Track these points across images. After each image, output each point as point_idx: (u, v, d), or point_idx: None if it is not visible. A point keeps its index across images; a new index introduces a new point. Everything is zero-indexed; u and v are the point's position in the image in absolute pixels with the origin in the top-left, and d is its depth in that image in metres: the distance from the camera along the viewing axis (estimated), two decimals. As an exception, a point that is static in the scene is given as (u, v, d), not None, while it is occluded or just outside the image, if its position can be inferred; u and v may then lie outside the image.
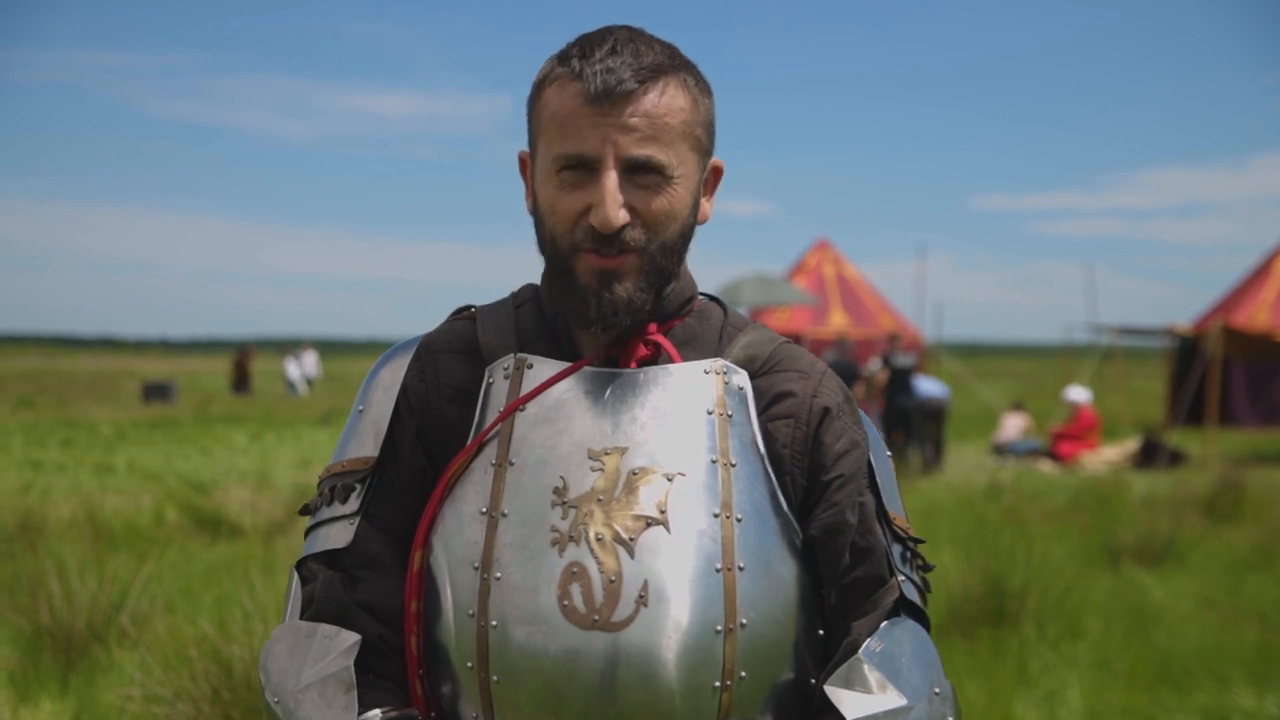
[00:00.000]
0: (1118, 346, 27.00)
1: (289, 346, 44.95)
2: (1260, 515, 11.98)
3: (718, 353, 1.77)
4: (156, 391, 35.76)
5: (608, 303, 1.66)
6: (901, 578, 1.75)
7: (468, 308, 1.87)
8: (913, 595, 1.76)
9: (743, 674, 1.63)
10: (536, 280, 1.84)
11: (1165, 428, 22.50)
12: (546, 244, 1.71)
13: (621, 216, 1.63)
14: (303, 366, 41.46)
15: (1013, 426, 21.09)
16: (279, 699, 1.66)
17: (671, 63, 1.68)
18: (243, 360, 41.15)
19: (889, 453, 1.85)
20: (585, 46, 1.67)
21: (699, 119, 1.70)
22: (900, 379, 17.97)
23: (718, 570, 1.63)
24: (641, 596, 1.61)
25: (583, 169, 1.65)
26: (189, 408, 31.96)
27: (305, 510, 1.81)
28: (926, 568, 1.82)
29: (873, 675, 1.66)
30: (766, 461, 1.70)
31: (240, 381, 40.42)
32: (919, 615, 1.77)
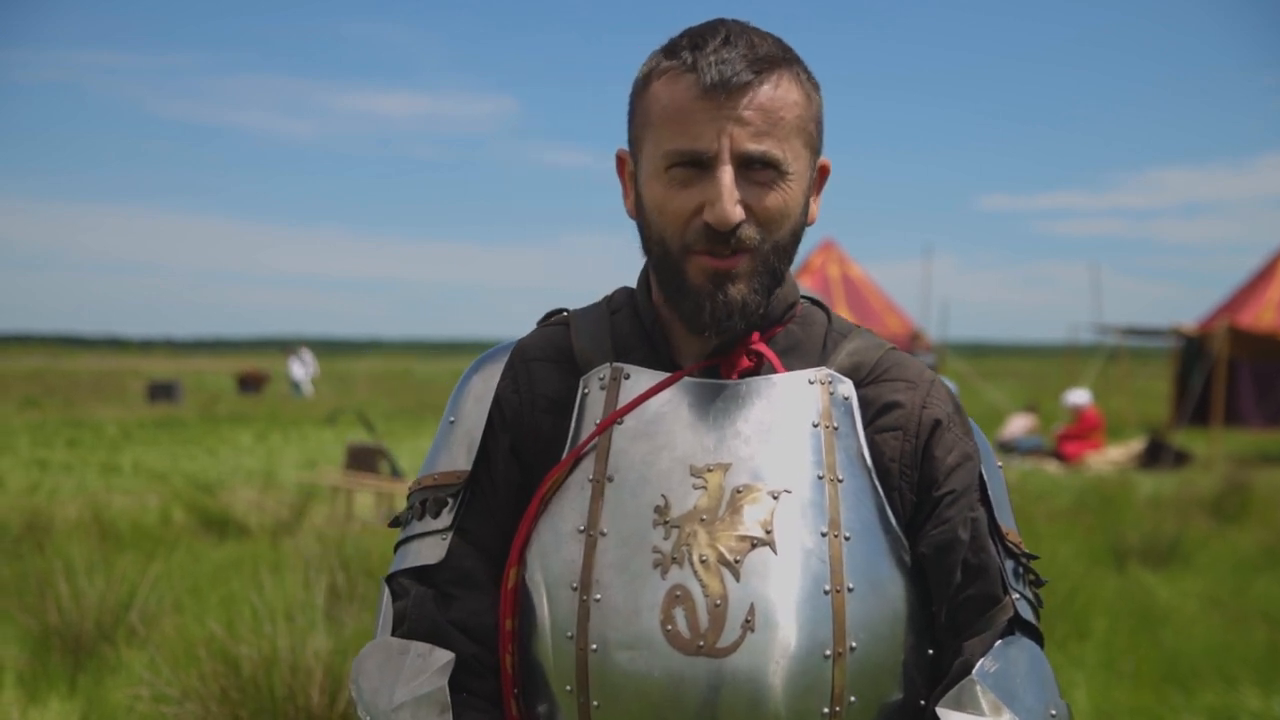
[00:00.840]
0: (1123, 347, 26.96)
1: (291, 346, 44.90)
2: (1266, 515, 11.97)
3: (822, 361, 1.70)
4: (162, 391, 35.80)
5: (722, 305, 1.60)
6: (1015, 595, 1.68)
7: (559, 311, 1.81)
8: (1026, 613, 1.69)
9: (852, 699, 1.57)
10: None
11: (1170, 428, 22.48)
12: (655, 245, 1.64)
13: (738, 213, 1.57)
14: (306, 365, 41.43)
15: (1018, 425, 21.11)
16: (372, 717, 1.62)
17: (784, 55, 1.61)
18: (255, 374, 41.24)
19: (1000, 464, 1.78)
20: (696, 38, 1.60)
21: (812, 114, 1.64)
22: None
23: (826, 592, 1.57)
24: (748, 621, 1.55)
25: (695, 165, 1.58)
26: (194, 408, 32.00)
27: (395, 523, 1.77)
28: (1039, 583, 1.75)
29: (986, 697, 1.59)
30: (874, 476, 1.64)
31: (248, 382, 40.45)
32: (1033, 633, 1.70)
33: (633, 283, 1.79)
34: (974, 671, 1.61)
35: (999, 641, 1.65)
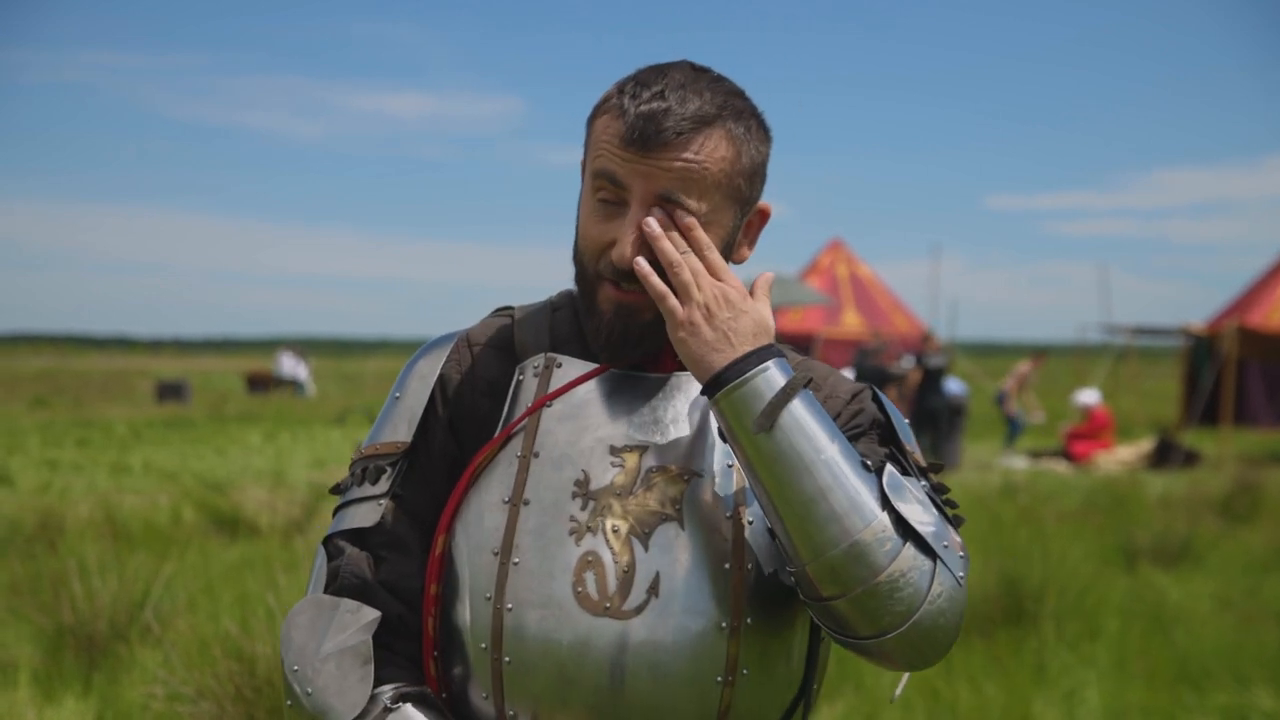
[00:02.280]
0: (1132, 346, 26.96)
1: (295, 347, 44.96)
2: (1277, 515, 11.95)
3: None
4: (171, 391, 35.86)
5: (619, 335, 1.74)
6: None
7: (508, 308, 1.93)
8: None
9: (744, 670, 1.69)
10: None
11: (1180, 428, 22.46)
12: (575, 261, 1.79)
13: (639, 259, 1.68)
14: (289, 366, 41.33)
15: (1019, 375, 21.69)
16: (298, 668, 1.72)
17: (719, 113, 1.69)
18: (265, 374, 41.28)
19: (906, 419, 1.85)
20: (640, 84, 1.70)
21: (741, 169, 1.72)
22: (932, 379, 18.05)
23: (727, 569, 1.69)
24: (653, 587, 1.68)
25: (612, 195, 1.71)
26: (203, 407, 32.05)
27: (336, 489, 1.87)
28: (953, 504, 1.78)
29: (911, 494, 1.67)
30: None
31: (257, 383, 40.52)
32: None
33: None
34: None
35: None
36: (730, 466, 1.74)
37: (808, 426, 1.64)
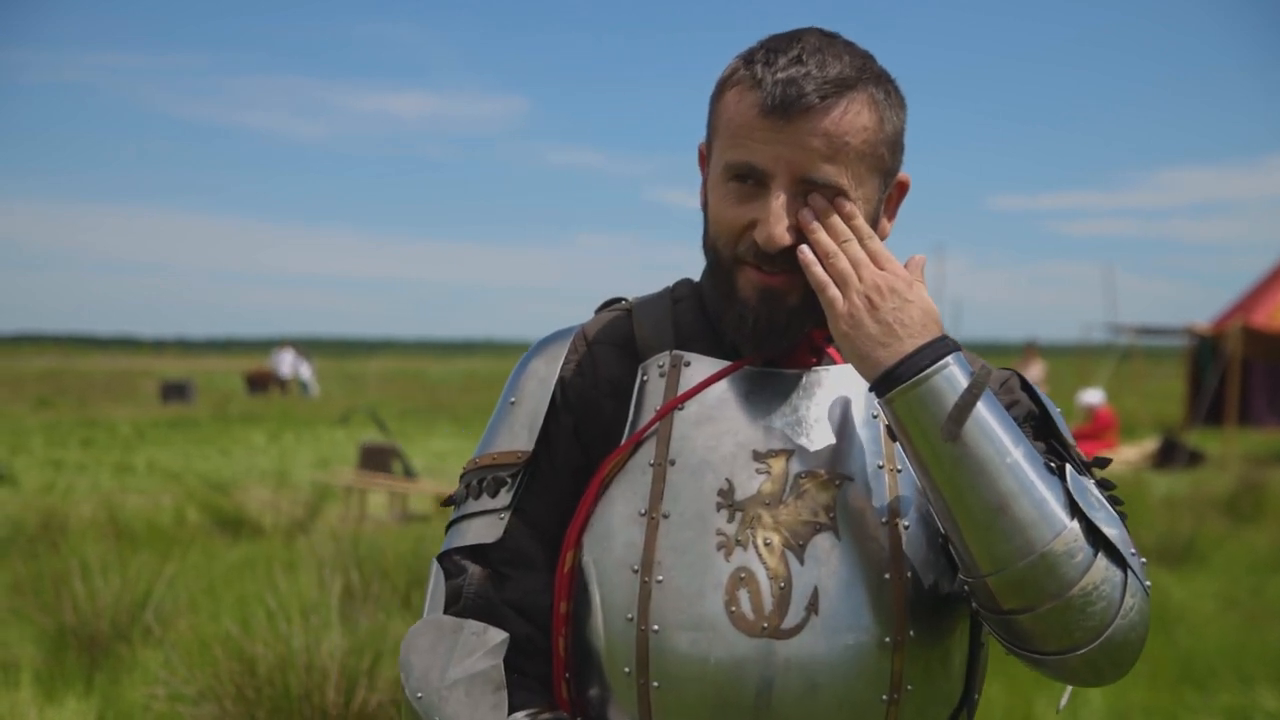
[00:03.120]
0: (1136, 346, 26.91)
1: (297, 346, 44.98)
2: (1281, 515, 11.94)
3: None
4: (175, 391, 35.90)
5: (765, 321, 1.61)
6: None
7: (617, 300, 1.81)
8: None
9: (909, 686, 1.57)
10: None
11: (1184, 428, 22.42)
12: (709, 250, 1.66)
13: (786, 237, 1.56)
14: (289, 365, 41.31)
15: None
16: (422, 694, 1.61)
17: (860, 76, 1.58)
18: (263, 373, 41.30)
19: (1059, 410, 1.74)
20: (771, 51, 1.58)
21: (884, 137, 1.60)
22: None
23: (887, 579, 1.57)
24: (811, 604, 1.55)
25: (752, 180, 1.58)
26: (207, 407, 32.07)
27: (449, 502, 1.76)
28: (1117, 500, 1.67)
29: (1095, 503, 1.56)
30: None
31: (256, 382, 40.54)
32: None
33: (633, 277, 1.80)
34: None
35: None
36: (881, 468, 1.61)
37: (992, 429, 1.51)
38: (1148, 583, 1.58)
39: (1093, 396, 20.38)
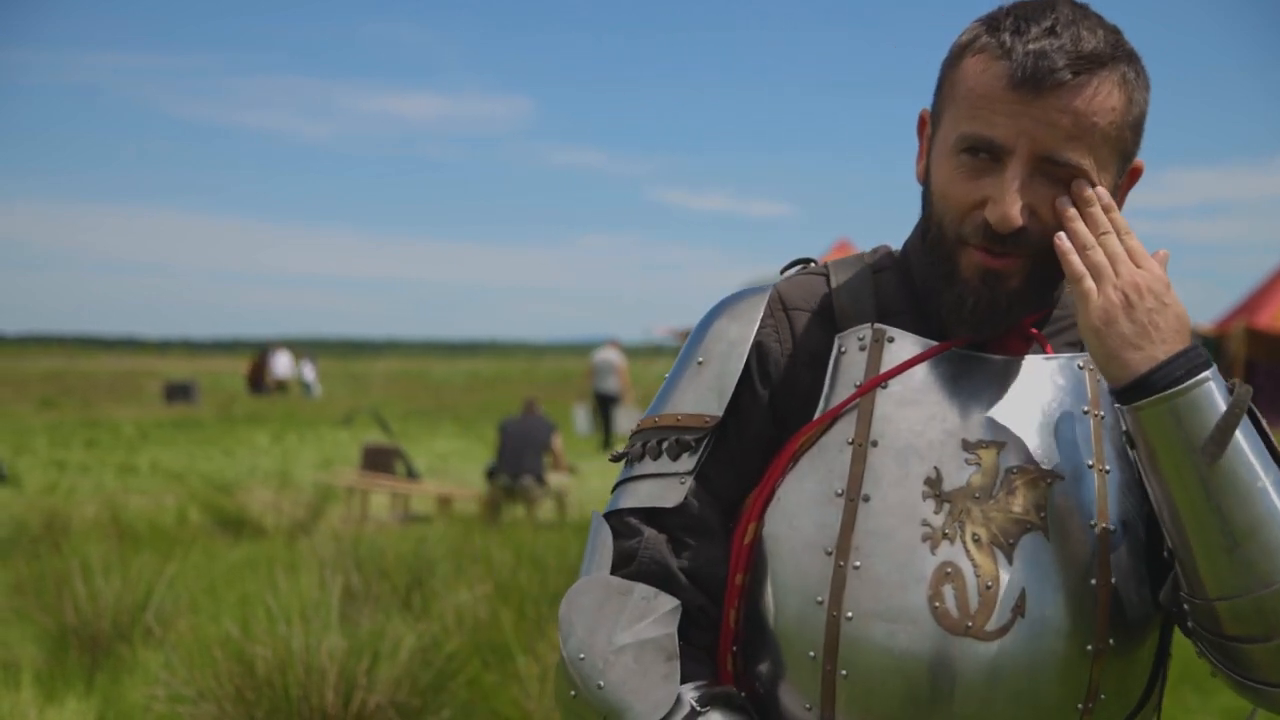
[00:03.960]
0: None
1: (296, 348, 45.05)
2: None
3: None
4: (179, 392, 35.95)
5: (987, 304, 1.53)
6: None
7: (806, 261, 1.73)
8: None
9: (1103, 696, 1.52)
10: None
11: (1188, 428, 22.38)
12: (933, 225, 1.56)
13: (1020, 219, 1.48)
14: (285, 366, 41.30)
15: None
16: (584, 655, 1.55)
17: (1113, 53, 1.49)
18: (260, 362, 41.33)
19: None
20: (1021, 19, 1.49)
21: (1130, 120, 1.52)
22: None
23: (1092, 585, 1.50)
24: (1018, 606, 1.48)
25: (987, 155, 1.49)
26: (211, 408, 32.11)
27: (619, 457, 1.68)
28: None
29: None
30: (1137, 470, 1.53)
31: (258, 382, 40.59)
32: None
33: (635, 277, 1.75)
34: None
35: None
36: (1090, 467, 1.54)
37: (1244, 451, 1.43)
38: None
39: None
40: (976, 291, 1.53)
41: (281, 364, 41.19)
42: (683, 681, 1.54)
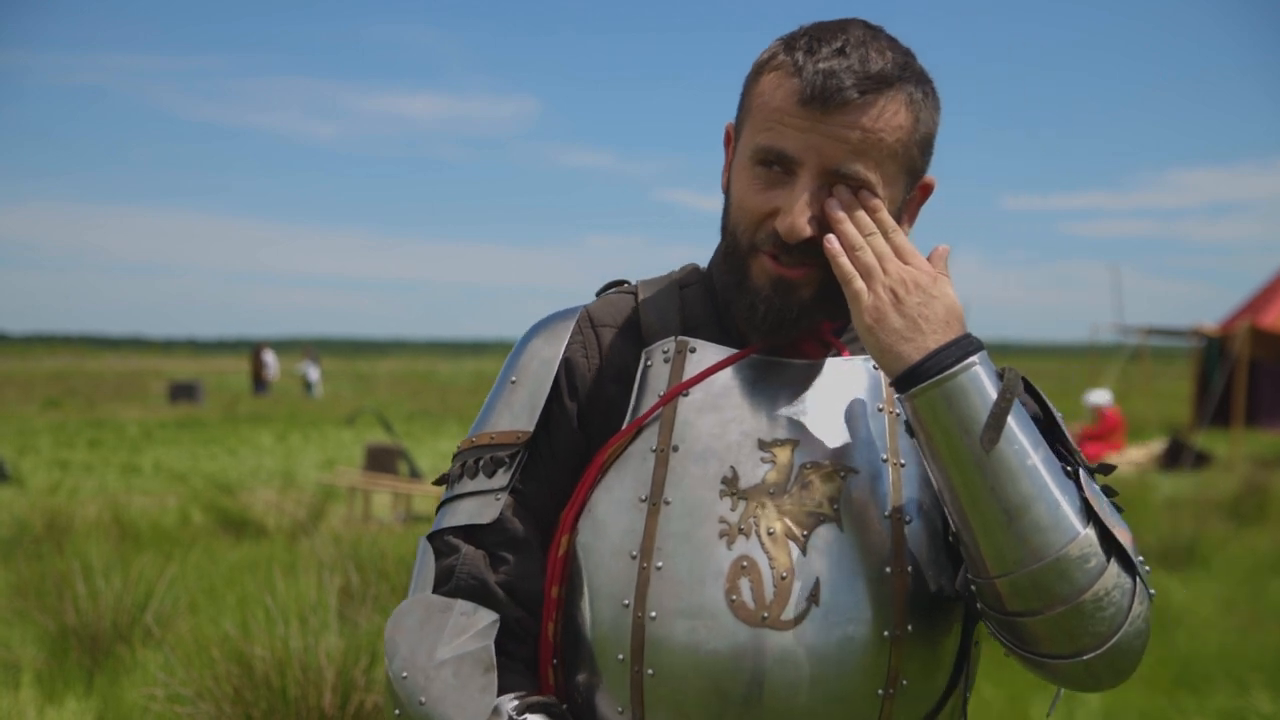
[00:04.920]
0: (1144, 347, 26.86)
1: (308, 348, 45.10)
2: (1285, 517, 11.91)
3: None
4: (183, 392, 35.98)
5: (776, 312, 1.60)
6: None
7: (622, 282, 1.79)
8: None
9: (904, 681, 1.57)
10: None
11: (1191, 429, 22.37)
12: (728, 234, 1.63)
13: (808, 229, 1.55)
14: (273, 367, 41.29)
15: None
16: (407, 674, 1.59)
17: (900, 75, 1.56)
18: (258, 360, 41.35)
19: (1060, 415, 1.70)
20: (815, 39, 1.56)
21: (917, 138, 1.60)
22: None
23: (888, 573, 1.56)
24: (813, 595, 1.54)
25: (780, 167, 1.56)
26: (215, 408, 32.14)
27: (442, 481, 1.74)
28: (1119, 508, 1.65)
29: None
30: None
31: (259, 381, 40.62)
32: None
33: (642, 277, 1.79)
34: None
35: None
36: (885, 462, 1.60)
37: (1014, 432, 1.50)
38: (1153, 590, 1.58)
39: (1100, 397, 20.34)
40: (768, 299, 1.59)
41: (270, 365, 41.19)
42: (503, 693, 1.58)
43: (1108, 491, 1.65)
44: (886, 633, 1.55)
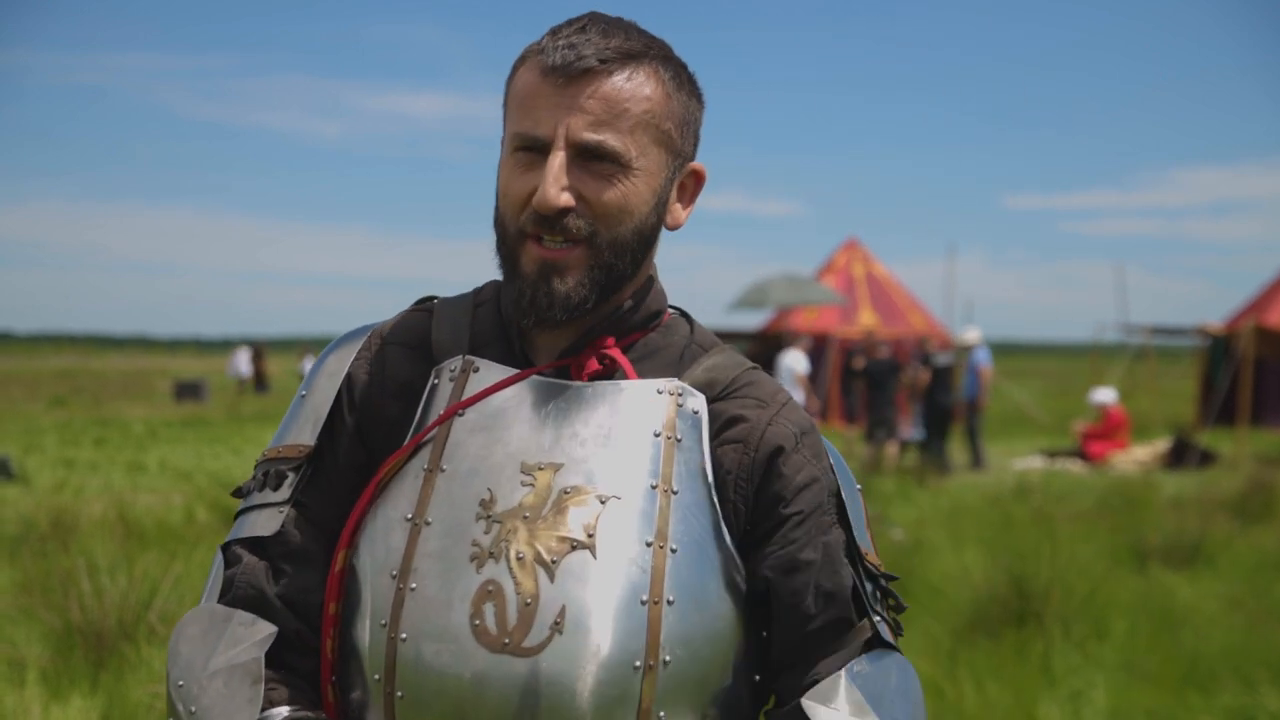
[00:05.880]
0: (1149, 346, 26.84)
1: (309, 346, 45.19)
2: (1290, 516, 11.90)
3: (677, 372, 1.67)
4: (188, 390, 36.03)
5: (544, 296, 1.58)
6: (876, 618, 1.64)
7: (431, 299, 1.79)
8: (887, 635, 1.64)
9: (661, 714, 1.54)
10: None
11: (1196, 428, 22.36)
12: (497, 227, 1.64)
13: (563, 199, 1.55)
14: (245, 365, 41.28)
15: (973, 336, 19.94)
16: (183, 683, 1.58)
17: (646, 51, 1.60)
18: (257, 360, 41.40)
19: (859, 486, 1.74)
20: (561, 27, 1.61)
21: (669, 113, 1.61)
22: (941, 378, 18.15)
23: (643, 602, 1.53)
24: (557, 623, 1.51)
25: (536, 151, 1.57)
26: (220, 407, 32.18)
27: (238, 492, 1.73)
28: (899, 608, 1.70)
29: (852, 695, 1.56)
30: (714, 492, 1.60)
31: (260, 381, 40.66)
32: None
33: None
34: (844, 670, 1.58)
35: (871, 652, 1.62)
36: (654, 488, 1.57)
37: None
38: None
39: (1105, 396, 20.34)
40: (535, 285, 1.59)
41: (242, 362, 41.21)
42: (277, 705, 1.57)
43: (888, 594, 1.69)
44: (638, 664, 1.52)
